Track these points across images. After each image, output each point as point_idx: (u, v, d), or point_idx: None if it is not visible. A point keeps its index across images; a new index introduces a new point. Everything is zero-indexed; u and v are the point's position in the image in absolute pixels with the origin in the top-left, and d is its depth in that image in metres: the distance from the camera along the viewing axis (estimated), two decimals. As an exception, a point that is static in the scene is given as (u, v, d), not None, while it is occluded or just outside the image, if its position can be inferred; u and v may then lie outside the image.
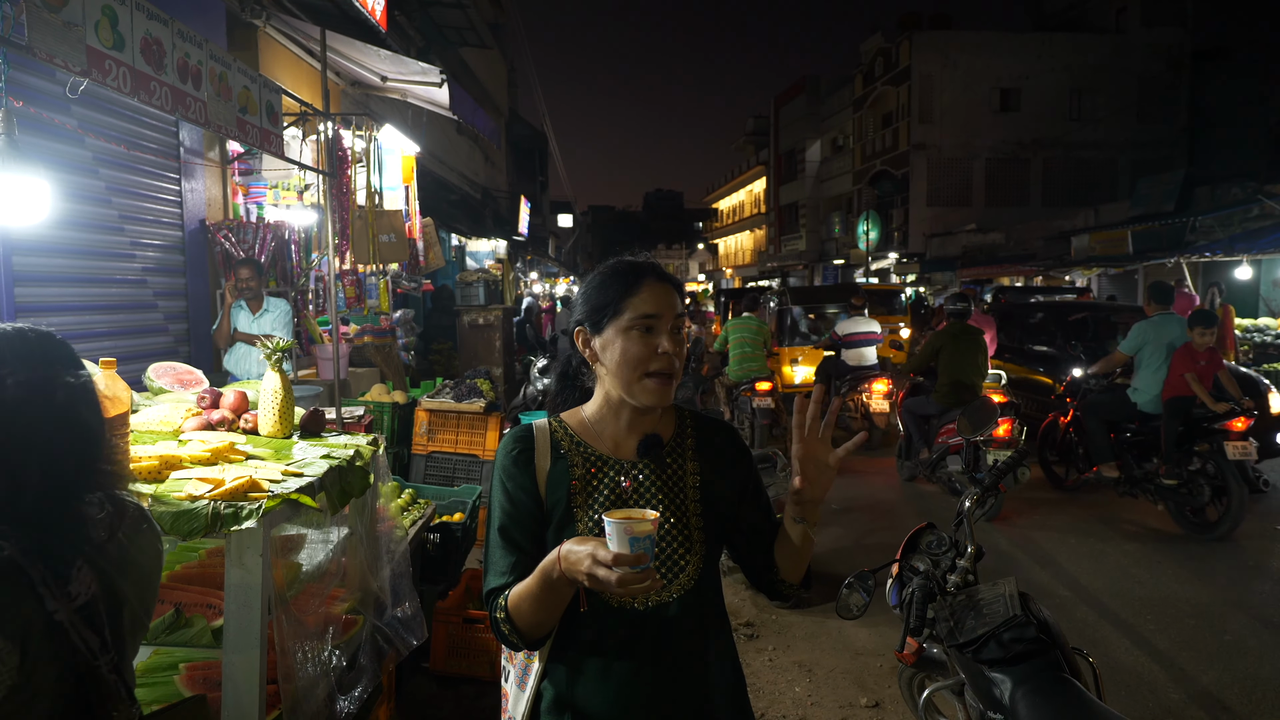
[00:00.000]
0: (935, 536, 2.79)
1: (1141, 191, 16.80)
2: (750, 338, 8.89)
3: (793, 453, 1.42)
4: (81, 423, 1.23)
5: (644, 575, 1.19)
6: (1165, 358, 6.22)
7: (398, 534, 3.20)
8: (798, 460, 1.41)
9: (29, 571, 1.07)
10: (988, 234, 23.59)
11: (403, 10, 10.85)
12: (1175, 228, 13.89)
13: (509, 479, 1.49)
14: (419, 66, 6.90)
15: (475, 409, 5.68)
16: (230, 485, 2.06)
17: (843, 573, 2.24)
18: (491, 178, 19.00)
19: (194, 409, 2.80)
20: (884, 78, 29.51)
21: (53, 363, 1.24)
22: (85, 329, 4.73)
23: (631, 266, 1.51)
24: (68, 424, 1.21)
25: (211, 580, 2.56)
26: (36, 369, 1.20)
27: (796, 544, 1.48)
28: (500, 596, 1.41)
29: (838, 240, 33.33)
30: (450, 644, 3.79)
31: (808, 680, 3.97)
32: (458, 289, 11.18)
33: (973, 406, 3.09)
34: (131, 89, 2.77)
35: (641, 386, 1.45)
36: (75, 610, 1.11)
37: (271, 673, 2.24)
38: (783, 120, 40.87)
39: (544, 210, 30.66)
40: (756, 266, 46.47)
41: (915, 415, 7.41)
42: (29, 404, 1.16)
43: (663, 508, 1.47)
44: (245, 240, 6.08)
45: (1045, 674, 2.26)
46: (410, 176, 7.78)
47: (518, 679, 1.54)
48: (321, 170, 5.57)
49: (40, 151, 4.01)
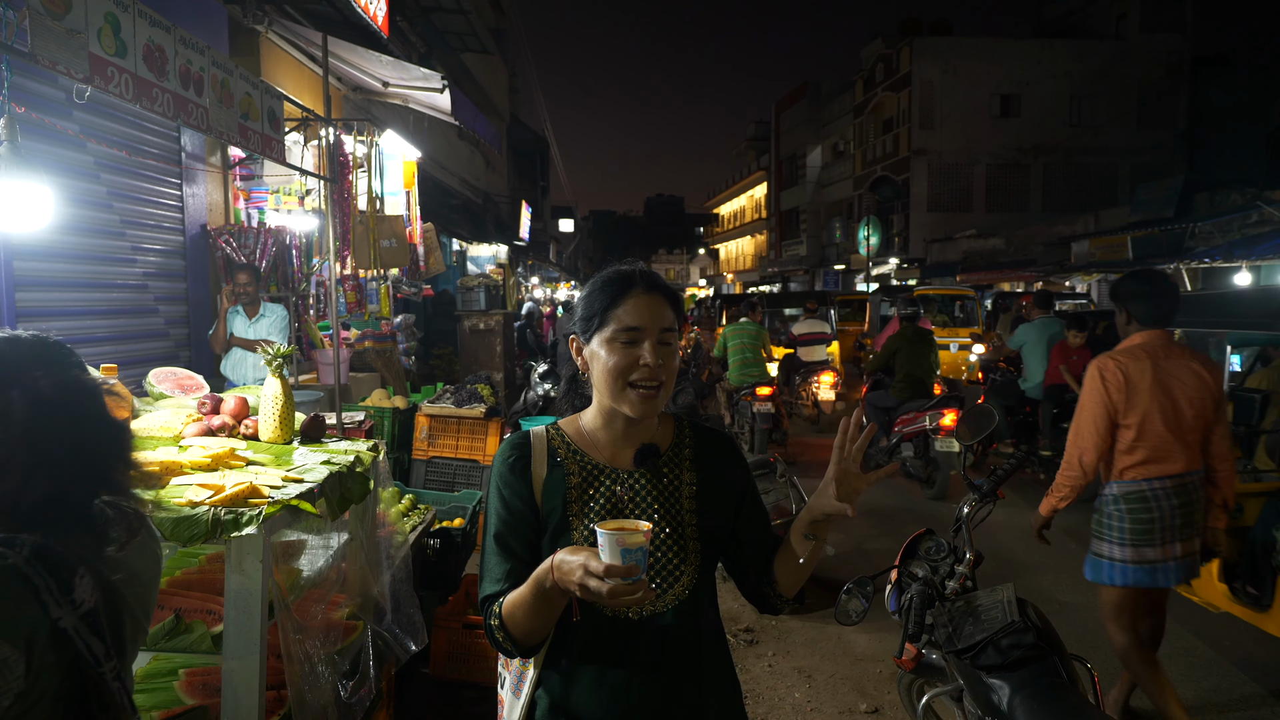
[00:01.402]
0: (934, 543, 2.79)
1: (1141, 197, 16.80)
2: (749, 343, 8.89)
3: (829, 473, 1.41)
4: (110, 425, 1.25)
5: (636, 586, 1.19)
6: (1045, 353, 7.66)
7: (398, 539, 3.21)
8: (835, 482, 1.40)
9: (34, 579, 1.06)
10: (988, 239, 23.61)
11: (404, 16, 10.89)
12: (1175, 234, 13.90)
13: (505, 486, 1.49)
14: (420, 72, 6.92)
15: (476, 414, 5.69)
16: (231, 491, 2.07)
17: (842, 578, 2.25)
18: (492, 183, 19.04)
19: (194, 414, 2.81)
20: (885, 83, 29.57)
21: (73, 367, 1.26)
22: (86, 334, 4.74)
23: (620, 277, 1.49)
24: (95, 427, 1.23)
25: (211, 586, 2.56)
26: (63, 373, 1.22)
27: (802, 559, 1.47)
28: (495, 603, 1.41)
29: (838, 245, 33.36)
30: (450, 650, 3.79)
31: (807, 686, 3.97)
32: (459, 294, 11.20)
33: (970, 412, 3.09)
34: (134, 96, 2.78)
35: (624, 398, 1.44)
36: (80, 617, 1.11)
37: (271, 679, 2.24)
38: (784, 126, 40.93)
39: (545, 215, 30.69)
40: (757, 272, 46.49)
41: (876, 408, 7.99)
42: (62, 405, 1.18)
43: (658, 517, 1.47)
44: (246, 245, 6.09)
45: (1043, 680, 2.27)
46: (411, 181, 7.79)
47: (513, 686, 1.54)
48: (323, 175, 5.58)
49: (42, 156, 4.02)
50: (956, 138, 27.40)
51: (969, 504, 2.78)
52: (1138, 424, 3.14)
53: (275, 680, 2.34)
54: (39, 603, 1.06)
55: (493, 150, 18.32)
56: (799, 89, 38.83)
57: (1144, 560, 3.16)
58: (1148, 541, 3.15)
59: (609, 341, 1.45)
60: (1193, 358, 3.23)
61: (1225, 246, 11.52)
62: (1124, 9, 27.35)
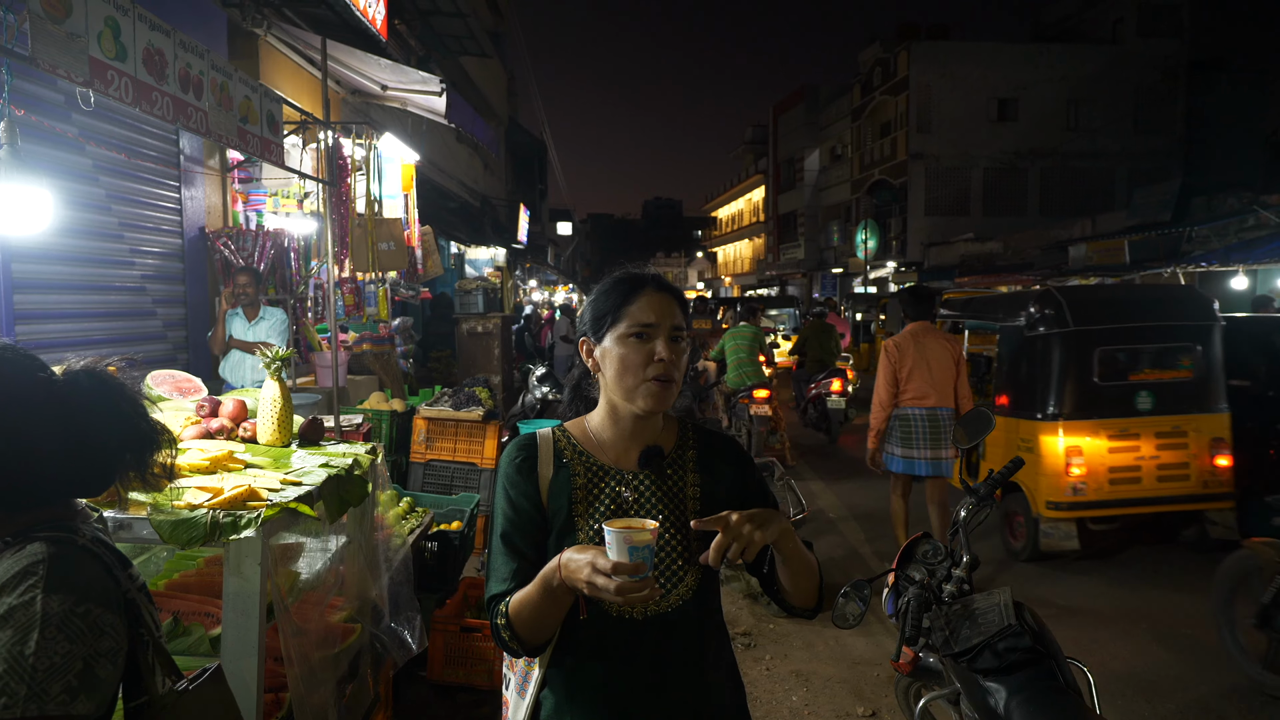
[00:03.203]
0: (931, 546, 2.79)
1: (1138, 201, 16.84)
2: (747, 346, 8.92)
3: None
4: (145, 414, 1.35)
5: (642, 584, 1.20)
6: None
7: (396, 542, 3.21)
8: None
9: (102, 557, 1.20)
10: (985, 243, 23.64)
11: (403, 19, 10.89)
12: (1172, 238, 13.93)
13: (512, 486, 1.51)
14: (419, 75, 6.93)
15: (474, 417, 5.68)
16: (229, 494, 2.07)
17: (839, 581, 2.26)
18: (491, 186, 19.04)
19: (193, 417, 2.81)
20: (882, 87, 29.62)
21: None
22: (84, 336, 4.74)
23: (632, 277, 1.53)
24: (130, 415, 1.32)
25: (209, 589, 2.56)
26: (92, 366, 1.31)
27: (784, 563, 1.45)
28: (501, 603, 1.42)
29: (836, 249, 33.40)
30: (448, 652, 3.79)
31: (805, 689, 3.98)
32: (456, 297, 11.18)
33: (968, 417, 3.12)
34: (134, 99, 2.79)
35: (639, 392, 1.47)
36: (138, 589, 1.25)
37: (268, 681, 2.24)
38: (781, 129, 40.98)
39: (543, 218, 30.71)
40: (755, 275, 46.53)
41: (798, 381, 11.31)
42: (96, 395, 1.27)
43: (663, 519, 1.48)
44: (245, 248, 6.09)
45: (1040, 684, 2.27)
46: (410, 185, 7.79)
47: (518, 686, 1.55)
48: (321, 179, 5.58)
49: (41, 159, 4.02)
50: (954, 142, 27.45)
51: (966, 508, 2.78)
52: (906, 377, 5.27)
53: (273, 683, 2.35)
54: (112, 577, 1.19)
55: (491, 153, 18.31)
56: (797, 92, 38.89)
57: (908, 456, 5.27)
58: (909, 445, 5.26)
59: (622, 337, 1.48)
60: (942, 336, 5.49)
61: (1222, 250, 11.54)
62: (1121, 13, 27.42)
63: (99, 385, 1.27)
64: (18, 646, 1.03)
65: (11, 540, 1.16)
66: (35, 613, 1.05)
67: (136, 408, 1.31)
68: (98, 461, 1.26)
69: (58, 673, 1.03)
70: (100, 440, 1.25)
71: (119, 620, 1.15)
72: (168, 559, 2.85)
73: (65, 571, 1.11)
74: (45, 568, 1.10)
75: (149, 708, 1.23)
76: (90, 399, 1.25)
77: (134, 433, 1.29)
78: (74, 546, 1.16)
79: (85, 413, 1.24)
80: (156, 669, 1.25)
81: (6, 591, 1.07)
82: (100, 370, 1.29)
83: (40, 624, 1.04)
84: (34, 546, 1.13)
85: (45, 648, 1.04)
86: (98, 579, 1.15)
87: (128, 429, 1.29)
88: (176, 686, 1.28)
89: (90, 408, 1.24)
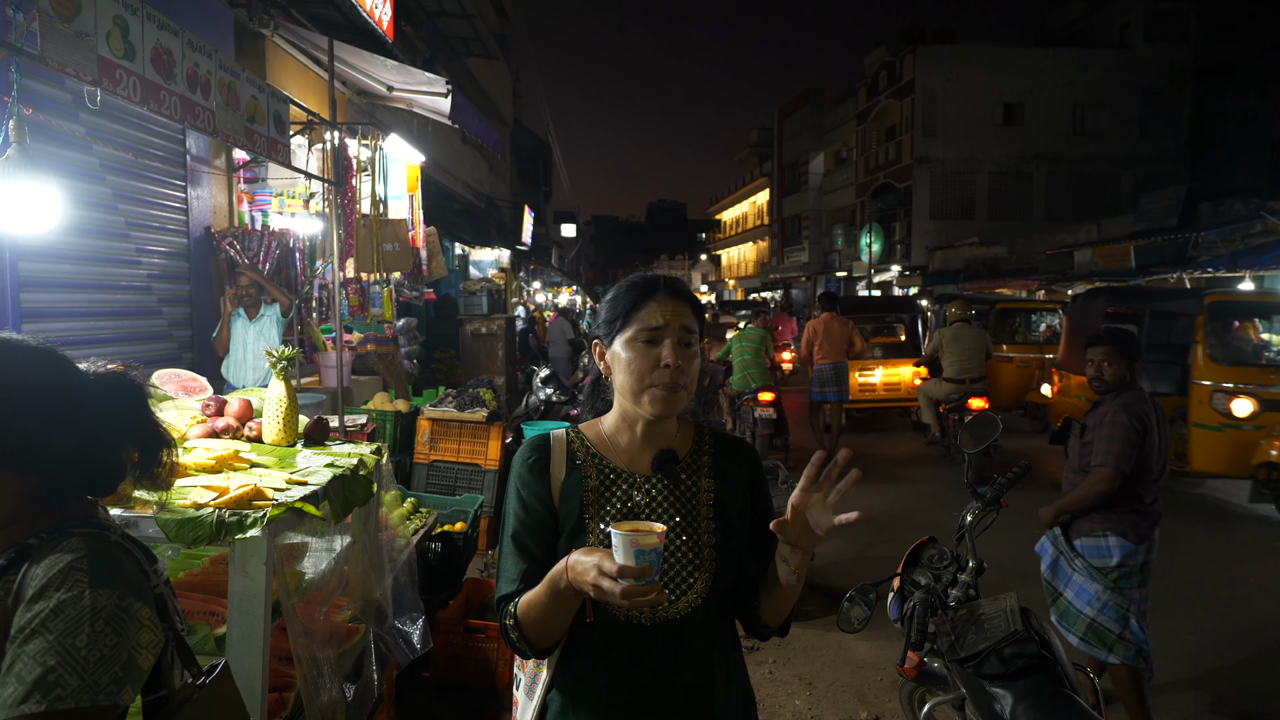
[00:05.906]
0: (937, 550, 2.79)
1: (1144, 206, 16.79)
2: (752, 348, 8.93)
3: (791, 499, 1.37)
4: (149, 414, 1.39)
5: (649, 588, 1.19)
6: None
7: (400, 543, 3.21)
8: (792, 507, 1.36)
9: (133, 553, 1.24)
10: (990, 247, 23.61)
11: (409, 21, 10.92)
12: (1178, 243, 13.90)
13: (524, 487, 1.50)
14: (425, 76, 6.93)
15: (478, 418, 5.68)
16: (235, 493, 2.07)
17: (844, 586, 2.25)
18: (495, 187, 19.06)
19: (199, 416, 2.81)
20: (887, 91, 29.61)
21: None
22: (90, 335, 4.74)
23: (645, 281, 1.52)
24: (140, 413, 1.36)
25: (214, 588, 2.56)
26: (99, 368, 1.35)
27: (781, 583, 1.43)
28: (510, 604, 1.41)
29: (840, 252, 33.37)
30: (451, 653, 3.79)
31: (808, 693, 3.97)
32: (461, 298, 11.17)
33: (973, 422, 3.11)
34: (142, 98, 2.79)
35: (646, 396, 1.46)
36: (164, 584, 1.29)
37: (272, 681, 2.24)
38: (786, 132, 40.98)
39: (547, 220, 30.74)
40: (759, 278, 46.51)
41: (730, 397, 11.89)
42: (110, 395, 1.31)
43: (674, 524, 1.47)
44: (250, 248, 6.10)
45: (1046, 689, 2.26)
46: (415, 186, 7.80)
47: (527, 687, 1.54)
48: (327, 179, 5.59)
49: (48, 158, 4.03)
50: (959, 145, 27.43)
51: (972, 512, 2.78)
52: (819, 344, 9.24)
53: (277, 683, 2.34)
54: (142, 572, 1.22)
55: (496, 155, 18.33)
56: (802, 96, 38.88)
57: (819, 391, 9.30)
58: (820, 385, 9.28)
59: (630, 342, 1.47)
60: (841, 320, 9.40)
61: (1229, 256, 11.49)
62: (1128, 18, 27.38)
63: (121, 385, 1.32)
64: (69, 639, 1.06)
65: (46, 536, 1.18)
66: (85, 606, 1.09)
67: (149, 407, 1.36)
68: (115, 459, 1.29)
69: (106, 664, 1.08)
70: (116, 438, 1.29)
71: (155, 614, 1.19)
72: (173, 558, 2.85)
73: (108, 566, 1.15)
74: (89, 563, 1.14)
75: (167, 701, 1.26)
76: (113, 398, 1.29)
77: (146, 432, 1.33)
78: (109, 542, 1.20)
79: (108, 412, 1.28)
80: (176, 663, 1.28)
81: (53, 586, 1.10)
82: (123, 371, 1.34)
83: (90, 617, 1.09)
84: (73, 541, 1.16)
85: (95, 640, 1.08)
86: (135, 574, 1.19)
87: (145, 428, 1.33)
88: (194, 681, 1.31)
89: (113, 407, 1.28)
